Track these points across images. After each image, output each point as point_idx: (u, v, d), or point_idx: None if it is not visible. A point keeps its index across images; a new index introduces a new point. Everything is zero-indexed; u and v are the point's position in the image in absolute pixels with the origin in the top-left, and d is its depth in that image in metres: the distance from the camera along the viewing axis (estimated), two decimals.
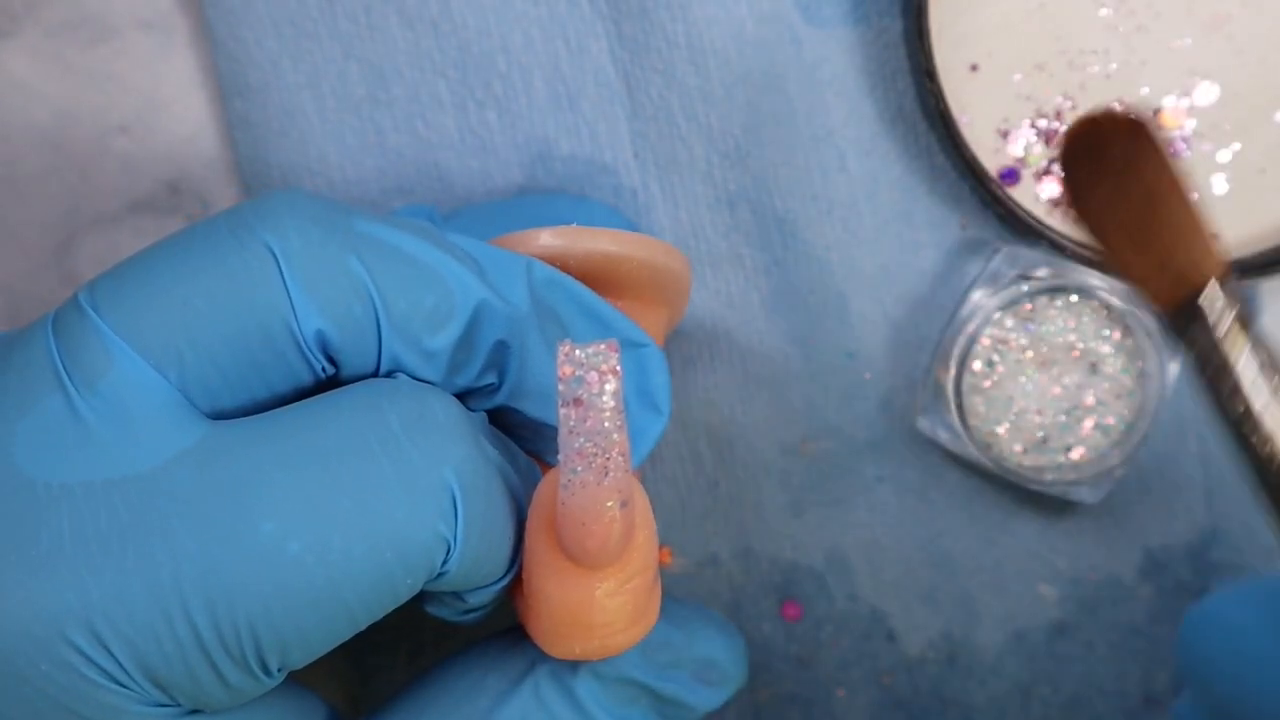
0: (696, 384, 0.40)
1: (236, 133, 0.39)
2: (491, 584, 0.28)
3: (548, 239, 0.32)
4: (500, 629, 0.33)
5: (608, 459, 0.26)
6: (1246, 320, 0.26)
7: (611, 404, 0.25)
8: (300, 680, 0.31)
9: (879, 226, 0.39)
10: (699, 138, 0.39)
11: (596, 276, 0.32)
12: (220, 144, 0.40)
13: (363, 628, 0.26)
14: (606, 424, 0.25)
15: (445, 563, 0.26)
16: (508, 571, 0.29)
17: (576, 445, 0.25)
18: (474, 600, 0.29)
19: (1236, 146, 0.38)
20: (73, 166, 0.40)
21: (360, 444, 0.26)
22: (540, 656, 0.30)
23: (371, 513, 0.25)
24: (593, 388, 0.25)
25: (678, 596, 0.34)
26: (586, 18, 0.38)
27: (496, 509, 0.27)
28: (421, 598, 0.30)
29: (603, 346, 0.25)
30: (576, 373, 0.25)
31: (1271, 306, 0.40)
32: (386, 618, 0.27)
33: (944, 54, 0.38)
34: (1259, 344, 0.25)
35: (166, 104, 0.40)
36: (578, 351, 0.25)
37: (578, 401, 0.25)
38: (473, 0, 0.38)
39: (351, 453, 0.26)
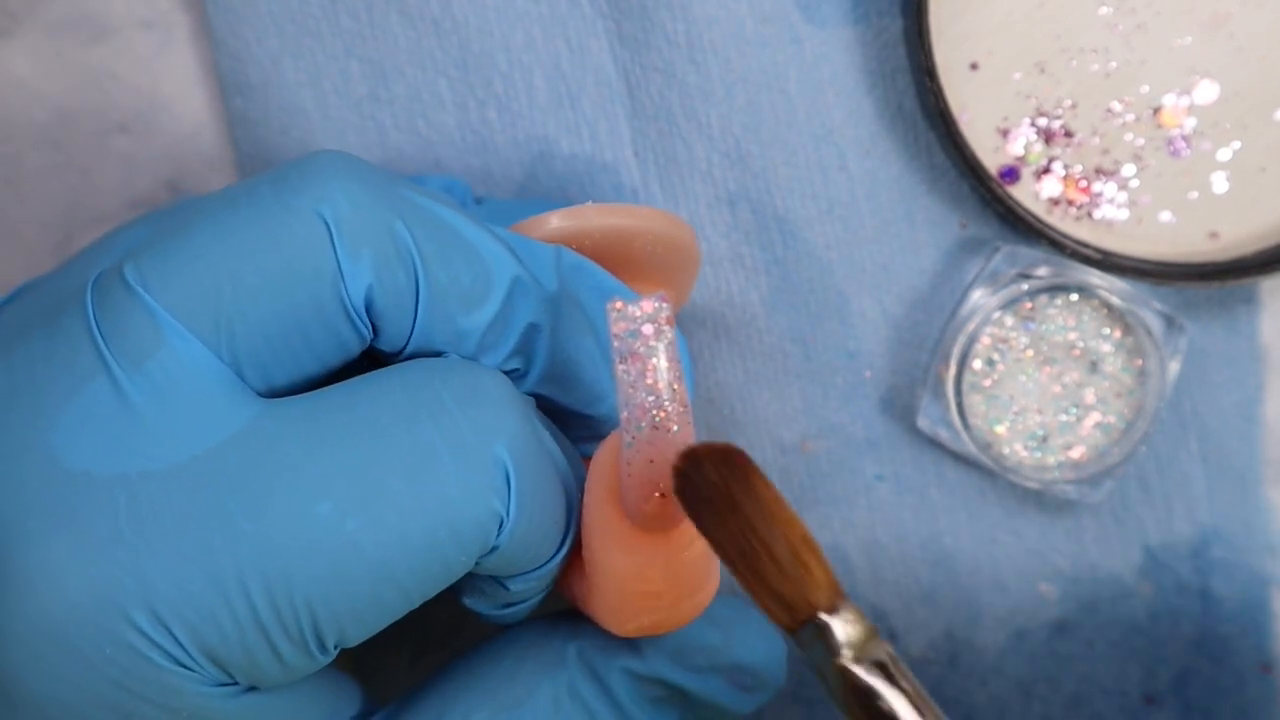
0: (697, 383, 0.40)
1: (237, 131, 0.39)
2: (535, 569, 0.28)
3: (558, 221, 0.31)
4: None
5: (670, 412, 0.25)
6: (865, 653, 0.25)
7: (669, 356, 0.25)
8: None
9: (879, 226, 0.39)
10: (699, 137, 0.39)
11: (606, 256, 0.32)
12: (221, 142, 0.40)
13: (416, 605, 0.26)
14: (666, 376, 0.25)
15: (497, 537, 0.26)
16: (551, 557, 0.28)
17: (638, 401, 0.25)
18: (515, 588, 0.29)
19: (1237, 145, 0.38)
20: (73, 165, 0.40)
21: (412, 419, 0.26)
22: (574, 648, 0.30)
23: (425, 489, 0.25)
24: (649, 341, 0.25)
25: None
26: (587, 16, 0.38)
27: (547, 487, 0.27)
28: (460, 588, 0.30)
29: (654, 300, 0.25)
30: (630, 328, 0.25)
31: (1271, 306, 0.40)
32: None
33: (944, 53, 0.38)
34: (896, 678, 0.26)
35: (167, 102, 0.40)
36: (630, 308, 0.25)
37: (634, 356, 0.25)
38: None
39: (404, 428, 0.25)
